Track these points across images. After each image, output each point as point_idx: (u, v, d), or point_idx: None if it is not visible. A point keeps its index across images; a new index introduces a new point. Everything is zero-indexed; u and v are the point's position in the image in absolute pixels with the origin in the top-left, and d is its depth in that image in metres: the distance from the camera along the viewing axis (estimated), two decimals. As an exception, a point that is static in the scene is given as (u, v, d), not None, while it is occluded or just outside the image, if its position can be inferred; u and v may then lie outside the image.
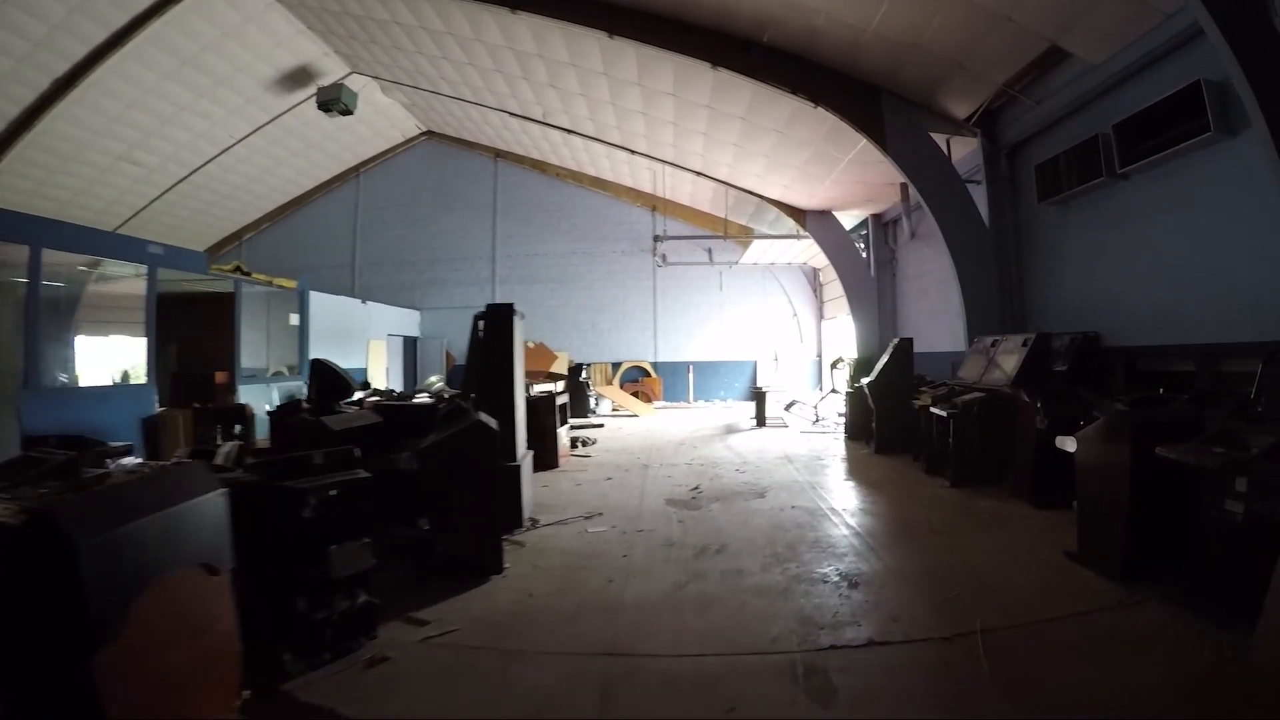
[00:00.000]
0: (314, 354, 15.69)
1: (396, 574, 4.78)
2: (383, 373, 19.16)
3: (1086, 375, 8.23)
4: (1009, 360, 8.39)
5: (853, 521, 6.35)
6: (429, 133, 22.36)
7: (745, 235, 18.08)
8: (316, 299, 15.01)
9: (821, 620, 4.05)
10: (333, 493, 3.79)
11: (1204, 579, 4.03)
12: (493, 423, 5.48)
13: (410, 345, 21.27)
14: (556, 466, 9.65)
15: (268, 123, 18.07)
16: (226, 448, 4.81)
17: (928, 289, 13.45)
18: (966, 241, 10.15)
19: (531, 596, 4.62)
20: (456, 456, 5.14)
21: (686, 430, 14.05)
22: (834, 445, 11.40)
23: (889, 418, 10.11)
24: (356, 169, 22.47)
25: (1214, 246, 6.87)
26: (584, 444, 11.78)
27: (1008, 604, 4.19)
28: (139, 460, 4.20)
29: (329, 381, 7.61)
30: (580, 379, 17.85)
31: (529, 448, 9.37)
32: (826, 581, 4.74)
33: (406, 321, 21.15)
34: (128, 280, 10.14)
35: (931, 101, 10.44)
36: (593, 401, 17.96)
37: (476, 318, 6.64)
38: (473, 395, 6.60)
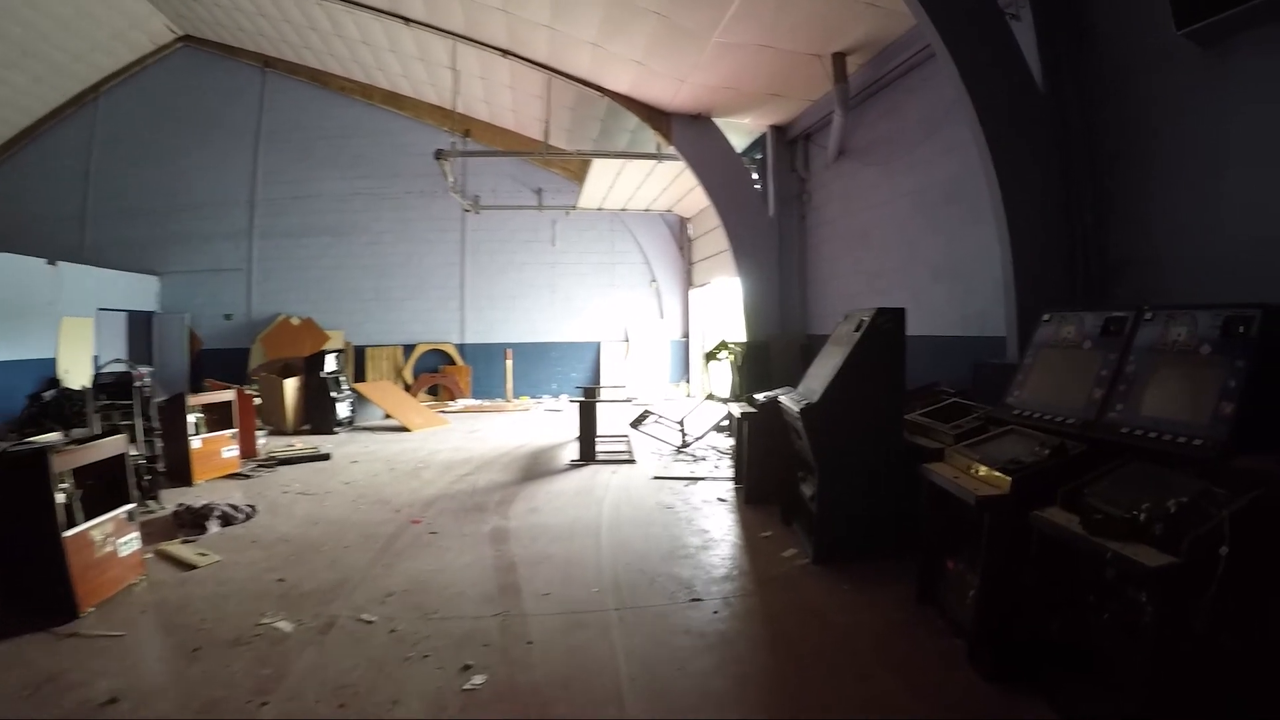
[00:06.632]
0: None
1: None
2: (86, 362, 13.21)
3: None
4: (1187, 375, 3.15)
5: None
6: (187, 38, 16.24)
7: (573, 156, 12.35)
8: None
9: None
10: None
11: None
12: None
13: (143, 322, 15.46)
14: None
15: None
16: None
17: (869, 233, 8.10)
18: (1005, 112, 4.78)
19: None
20: None
21: (461, 469, 8.22)
22: (718, 522, 5.84)
23: (856, 483, 4.65)
24: (97, 89, 16.23)
25: None
26: (226, 521, 5.75)
27: None
28: None
29: None
30: (325, 373, 11.49)
31: None
32: None
33: (137, 291, 15.37)
34: None
35: None
36: (346, 407, 11.70)
37: None
38: None
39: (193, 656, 3.53)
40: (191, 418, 7.52)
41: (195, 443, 7.50)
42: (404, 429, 11.42)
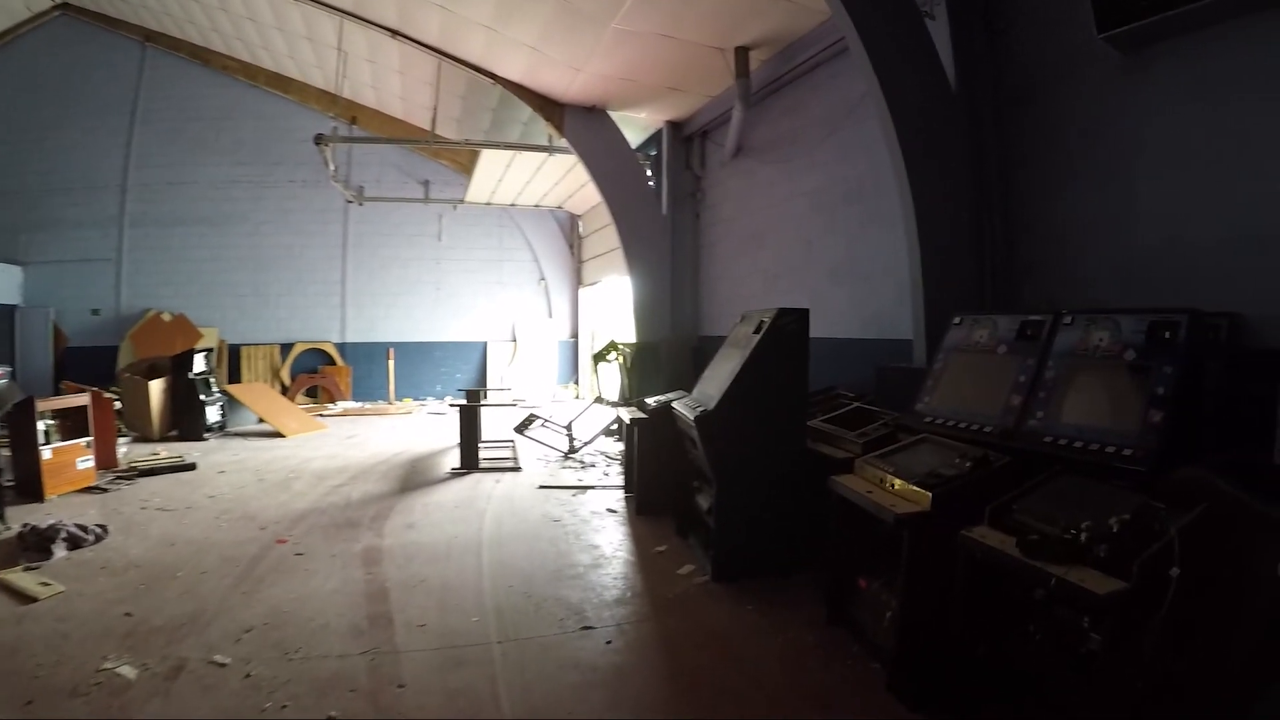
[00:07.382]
0: None
1: None
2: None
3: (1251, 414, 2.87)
4: (1111, 382, 3.02)
5: None
6: (65, 5, 14.38)
7: (460, 146, 11.74)
8: None
9: None
10: None
11: None
12: None
13: (4, 317, 13.70)
14: None
15: None
16: None
17: (766, 233, 7.93)
18: (918, 110, 4.61)
19: None
20: None
21: (335, 479, 7.49)
22: (608, 536, 5.42)
23: (756, 495, 4.34)
24: (-38, 58, 14.33)
25: None
26: (73, 543, 4.95)
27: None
28: None
29: None
30: (193, 374, 10.36)
31: None
32: None
33: (-2, 282, 13.55)
34: None
35: None
36: (217, 411, 10.63)
37: None
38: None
39: (24, 711, 2.94)
40: (42, 425, 6.50)
41: (46, 453, 6.49)
42: (278, 434, 10.42)
